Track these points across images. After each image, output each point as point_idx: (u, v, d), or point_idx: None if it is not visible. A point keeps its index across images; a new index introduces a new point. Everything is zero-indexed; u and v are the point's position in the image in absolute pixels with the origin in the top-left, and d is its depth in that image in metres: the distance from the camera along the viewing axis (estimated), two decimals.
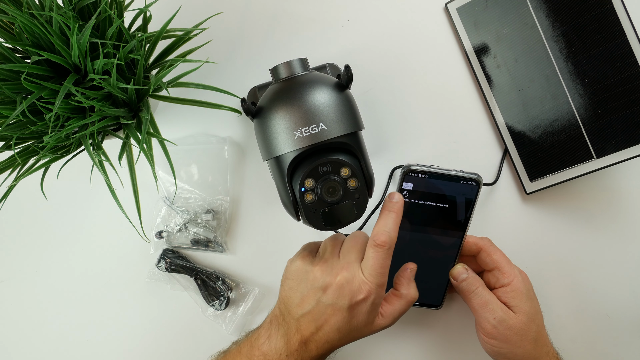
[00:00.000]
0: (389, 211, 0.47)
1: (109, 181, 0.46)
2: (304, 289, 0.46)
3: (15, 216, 0.62)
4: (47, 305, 0.63)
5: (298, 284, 0.47)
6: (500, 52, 0.57)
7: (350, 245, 0.47)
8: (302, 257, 0.48)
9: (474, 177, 0.51)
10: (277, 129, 0.48)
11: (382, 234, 0.45)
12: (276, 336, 0.47)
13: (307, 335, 0.45)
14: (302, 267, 0.47)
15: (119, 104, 0.47)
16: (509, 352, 0.50)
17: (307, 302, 0.46)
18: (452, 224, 0.53)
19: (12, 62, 0.45)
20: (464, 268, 0.53)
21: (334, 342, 0.46)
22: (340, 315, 0.45)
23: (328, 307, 0.45)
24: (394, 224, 0.46)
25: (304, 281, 0.46)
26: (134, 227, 0.51)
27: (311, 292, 0.45)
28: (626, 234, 0.59)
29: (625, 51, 0.54)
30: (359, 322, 0.45)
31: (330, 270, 0.46)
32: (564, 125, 0.56)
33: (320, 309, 0.45)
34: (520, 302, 0.50)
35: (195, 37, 0.50)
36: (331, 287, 0.45)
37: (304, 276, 0.47)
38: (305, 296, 0.46)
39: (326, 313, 0.45)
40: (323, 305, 0.45)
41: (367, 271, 0.45)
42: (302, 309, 0.46)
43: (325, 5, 0.60)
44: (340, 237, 0.50)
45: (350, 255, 0.46)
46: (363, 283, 0.44)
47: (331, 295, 0.44)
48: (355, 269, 0.45)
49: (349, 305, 0.44)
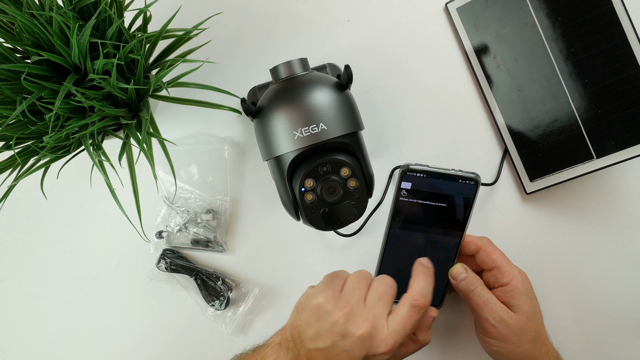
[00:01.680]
0: (427, 275, 0.47)
1: (109, 181, 0.46)
2: (321, 327, 0.45)
3: (15, 216, 0.62)
4: (47, 305, 0.63)
5: (316, 321, 0.45)
6: (500, 52, 0.57)
7: (379, 295, 0.45)
8: (326, 296, 0.46)
9: (472, 177, 0.51)
10: (277, 129, 0.48)
11: (422, 297, 0.45)
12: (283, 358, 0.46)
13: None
14: (324, 306, 0.45)
15: (119, 104, 0.47)
16: (508, 351, 0.50)
17: (322, 340, 0.44)
18: (451, 223, 0.53)
19: (12, 62, 0.45)
20: (463, 268, 0.53)
21: None
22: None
23: (344, 352, 0.43)
24: (432, 288, 0.46)
25: (323, 320, 0.45)
26: (134, 227, 0.51)
27: (329, 334, 0.44)
28: (626, 234, 0.59)
29: (625, 51, 0.54)
30: None
31: (354, 319, 0.44)
32: (564, 125, 0.56)
33: (335, 351, 0.44)
34: (520, 302, 0.50)
35: (195, 37, 0.50)
36: (352, 337, 0.43)
37: (325, 316, 0.45)
38: (322, 334, 0.44)
39: (340, 357, 0.44)
40: (339, 349, 0.44)
41: (394, 328, 0.43)
42: (316, 344, 0.44)
43: (325, 5, 0.60)
44: (368, 277, 0.48)
45: (377, 306, 0.45)
46: (387, 338, 0.43)
47: (350, 343, 0.43)
48: (382, 324, 0.44)
49: (365, 356, 0.43)
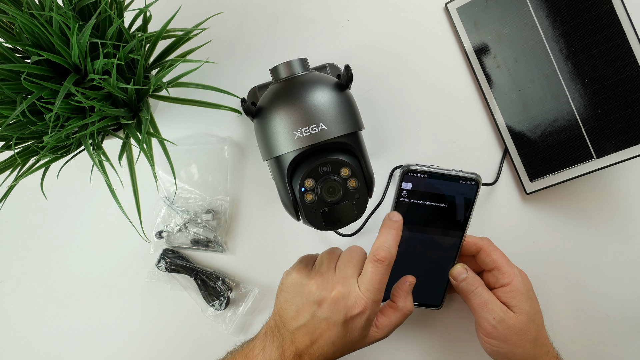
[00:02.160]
0: (390, 228, 0.47)
1: (109, 181, 0.46)
2: (299, 302, 0.46)
3: (15, 216, 0.62)
4: (47, 305, 0.63)
5: (293, 297, 0.47)
6: (500, 52, 0.57)
7: (347, 260, 0.47)
8: (298, 270, 0.48)
9: (473, 177, 0.51)
10: (277, 129, 0.48)
11: (382, 250, 0.45)
12: (271, 348, 0.47)
13: (302, 348, 0.46)
14: (297, 280, 0.47)
15: (119, 104, 0.47)
16: (508, 351, 0.50)
17: (302, 315, 0.46)
18: (451, 224, 0.53)
19: (12, 62, 0.45)
20: (464, 268, 0.53)
21: (328, 356, 0.46)
22: (335, 329, 0.45)
23: (323, 321, 0.45)
24: (394, 241, 0.47)
25: (299, 294, 0.47)
26: (134, 227, 0.51)
27: (306, 306, 0.46)
28: (626, 234, 0.59)
29: (625, 51, 0.54)
30: (353, 336, 0.45)
31: (326, 284, 0.46)
32: (564, 125, 0.56)
33: (315, 323, 0.45)
34: (520, 302, 0.50)
35: (195, 37, 0.50)
36: (326, 302, 0.45)
37: (300, 289, 0.47)
38: (300, 309, 0.46)
39: (321, 327, 0.45)
40: (318, 319, 0.45)
41: (364, 286, 0.45)
42: (297, 321, 0.46)
43: (325, 5, 0.60)
44: (337, 251, 0.50)
45: (347, 269, 0.46)
46: (359, 298, 0.45)
47: (326, 309, 0.45)
48: (352, 284, 0.45)
49: (343, 320, 0.44)
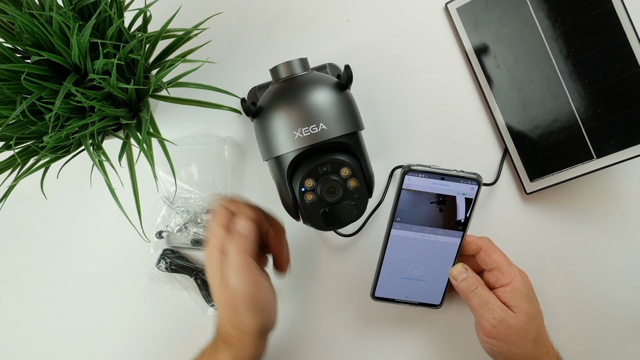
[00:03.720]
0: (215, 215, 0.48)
1: (109, 181, 0.46)
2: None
3: (15, 216, 0.62)
4: (47, 305, 0.63)
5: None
6: (500, 52, 0.57)
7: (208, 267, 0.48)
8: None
9: (474, 177, 0.51)
10: (277, 129, 0.48)
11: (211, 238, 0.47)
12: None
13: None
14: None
15: (119, 104, 0.47)
16: (508, 351, 0.50)
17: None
18: (451, 223, 0.53)
19: (12, 62, 0.45)
20: (464, 268, 0.53)
21: None
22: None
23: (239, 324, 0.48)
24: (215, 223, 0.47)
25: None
26: (134, 227, 0.51)
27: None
28: (626, 234, 0.59)
29: (625, 51, 0.54)
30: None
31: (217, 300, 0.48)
32: (564, 125, 0.56)
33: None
34: (520, 302, 0.50)
35: (195, 37, 0.50)
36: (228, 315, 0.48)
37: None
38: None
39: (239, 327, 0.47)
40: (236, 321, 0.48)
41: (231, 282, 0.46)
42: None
43: (325, 5, 0.60)
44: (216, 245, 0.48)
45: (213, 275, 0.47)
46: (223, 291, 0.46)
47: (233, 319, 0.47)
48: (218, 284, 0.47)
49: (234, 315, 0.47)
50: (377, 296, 0.56)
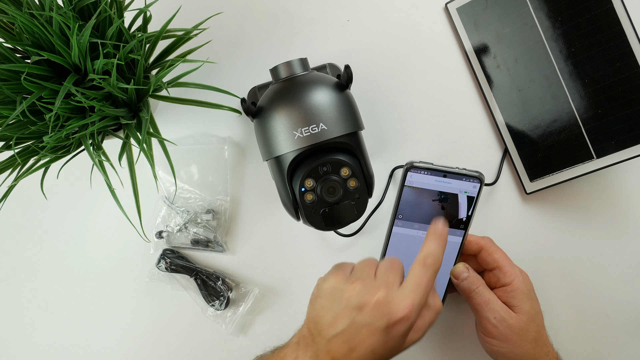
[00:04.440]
0: (437, 236, 0.45)
1: (109, 181, 0.46)
2: (337, 308, 0.43)
3: (15, 216, 0.62)
4: (47, 305, 0.63)
5: (331, 303, 0.43)
6: (500, 52, 0.57)
7: (387, 268, 0.44)
8: (336, 275, 0.45)
9: (476, 175, 0.51)
10: (277, 129, 0.48)
11: (431, 257, 0.43)
12: (304, 358, 0.44)
13: (339, 358, 0.42)
14: (336, 285, 0.44)
15: (119, 104, 0.47)
16: (508, 351, 0.50)
17: (340, 322, 0.42)
18: (453, 222, 0.53)
19: (12, 62, 0.45)
20: (465, 267, 0.53)
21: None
22: (377, 336, 0.41)
23: (364, 327, 0.41)
24: (441, 250, 0.44)
25: (337, 300, 0.43)
26: (134, 227, 0.51)
27: (345, 312, 0.42)
28: (626, 234, 0.59)
29: (625, 51, 0.54)
30: (394, 343, 0.42)
31: (367, 289, 0.42)
32: (564, 125, 0.56)
33: (354, 330, 0.41)
34: (521, 302, 0.50)
35: (195, 37, 0.50)
36: (368, 307, 0.41)
37: (338, 295, 0.43)
38: (338, 315, 0.42)
39: (361, 334, 0.41)
40: (358, 325, 0.41)
41: (409, 288, 0.42)
42: (334, 329, 0.42)
43: (325, 5, 0.60)
44: (374, 260, 0.47)
45: (388, 275, 0.43)
46: (404, 299, 0.41)
47: (368, 314, 0.41)
48: (395, 289, 0.42)
49: (386, 326, 0.41)
50: None
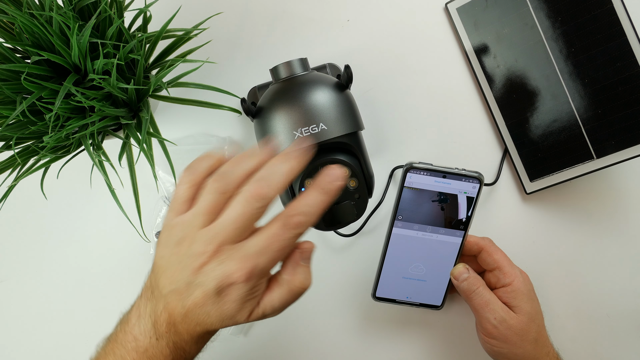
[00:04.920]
0: (323, 191, 0.36)
1: (109, 181, 0.46)
2: (175, 262, 0.37)
3: (15, 216, 0.62)
4: (47, 305, 0.63)
5: (170, 254, 0.37)
6: (500, 52, 0.57)
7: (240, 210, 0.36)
8: (180, 213, 0.38)
9: (475, 175, 0.51)
10: (277, 129, 0.48)
11: (301, 215, 0.35)
12: (144, 315, 0.39)
13: (175, 316, 0.37)
14: (179, 229, 0.37)
15: (119, 104, 0.47)
16: (509, 352, 0.50)
17: (176, 278, 0.37)
18: (453, 222, 0.53)
19: (12, 62, 0.45)
20: (465, 268, 0.53)
21: (206, 326, 0.38)
22: (209, 299, 0.36)
23: (197, 287, 0.36)
24: (319, 210, 0.36)
25: (177, 252, 0.37)
26: (134, 227, 0.51)
27: (180, 268, 0.37)
28: (626, 234, 0.59)
29: (625, 51, 0.54)
30: (229, 309, 0.37)
31: (207, 239, 0.36)
32: (564, 125, 0.56)
33: (188, 289, 0.36)
34: (521, 302, 0.50)
35: (195, 37, 0.50)
36: (203, 265, 0.36)
37: (178, 243, 0.37)
38: (175, 270, 0.37)
39: (195, 294, 0.36)
40: (192, 284, 0.36)
41: (252, 251, 0.35)
42: (170, 284, 0.37)
43: (325, 5, 0.60)
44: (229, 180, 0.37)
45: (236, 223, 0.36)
46: (240, 263, 0.35)
47: (201, 274, 0.36)
48: (237, 246, 0.36)
49: (216, 289, 0.35)
50: (378, 296, 0.56)
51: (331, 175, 0.37)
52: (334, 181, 0.37)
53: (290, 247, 0.36)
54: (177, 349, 0.39)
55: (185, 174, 0.38)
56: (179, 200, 0.38)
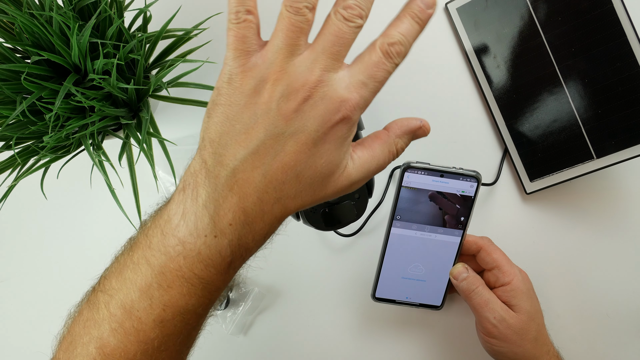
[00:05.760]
0: (417, 18, 0.30)
1: (109, 181, 0.46)
2: (251, 116, 0.28)
3: (15, 216, 0.62)
4: (47, 305, 0.63)
5: (241, 109, 0.28)
6: (500, 52, 0.57)
7: (324, 46, 0.30)
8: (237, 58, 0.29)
9: (473, 174, 0.52)
10: None
11: (399, 45, 0.30)
12: (195, 208, 0.29)
13: (249, 195, 0.29)
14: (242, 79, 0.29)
15: (119, 104, 0.47)
16: (509, 351, 0.50)
17: (254, 134, 0.28)
18: (451, 222, 0.53)
19: (12, 62, 0.45)
20: (464, 267, 0.53)
21: (288, 201, 0.29)
22: (304, 151, 0.28)
23: (290, 136, 0.28)
24: (414, 39, 0.30)
25: (251, 103, 0.28)
26: (134, 227, 0.51)
27: (264, 118, 0.28)
28: (626, 234, 0.59)
29: (625, 51, 0.54)
30: (327, 162, 0.29)
31: (291, 78, 0.28)
32: (564, 125, 0.56)
33: (276, 143, 0.28)
34: (521, 301, 0.50)
35: (195, 37, 0.50)
36: (295, 99, 0.28)
37: (250, 93, 0.28)
38: (251, 126, 0.28)
39: (285, 149, 0.28)
40: (284, 135, 0.28)
41: (357, 79, 0.29)
42: (244, 148, 0.28)
43: (325, 5, 0.60)
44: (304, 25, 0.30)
45: (323, 57, 0.29)
46: (346, 92, 0.29)
47: (297, 118, 0.28)
48: (332, 75, 0.29)
49: (316, 134, 0.28)
50: (377, 297, 0.56)
51: (424, 1, 0.30)
52: (427, 9, 0.30)
53: (388, 78, 0.31)
54: (240, 247, 0.30)
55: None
56: (243, 39, 0.29)
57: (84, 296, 0.37)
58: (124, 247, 0.35)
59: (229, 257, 0.30)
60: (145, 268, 0.30)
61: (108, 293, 0.32)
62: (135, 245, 0.32)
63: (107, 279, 0.33)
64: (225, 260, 0.30)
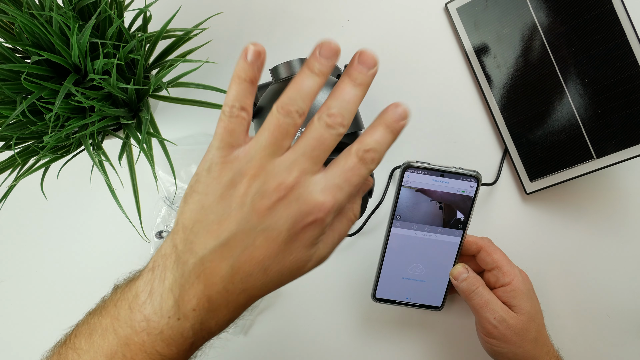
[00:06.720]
0: (390, 128, 0.31)
1: (109, 181, 0.46)
2: (225, 207, 0.29)
3: (15, 216, 0.62)
4: (47, 305, 0.63)
5: (218, 200, 0.29)
6: (500, 52, 0.57)
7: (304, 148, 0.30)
8: (220, 149, 0.30)
9: (473, 174, 0.51)
10: None
11: (374, 152, 0.30)
12: (161, 290, 0.31)
13: (214, 284, 0.30)
14: (222, 171, 0.30)
15: (119, 104, 0.47)
16: (509, 351, 0.50)
17: (226, 226, 0.29)
18: (451, 222, 0.53)
19: (12, 62, 0.45)
20: (464, 268, 0.53)
21: (254, 291, 0.31)
22: (275, 247, 0.29)
23: (262, 232, 0.29)
24: (388, 146, 0.31)
25: (227, 195, 0.29)
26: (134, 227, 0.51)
27: (236, 212, 0.29)
28: (626, 234, 0.59)
29: (625, 51, 0.54)
30: (296, 258, 0.30)
31: (269, 176, 0.29)
32: (564, 125, 0.56)
33: (246, 237, 0.29)
34: (521, 302, 0.50)
35: (195, 37, 0.50)
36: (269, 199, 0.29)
37: (227, 185, 0.29)
38: (226, 217, 0.29)
39: (255, 243, 0.29)
40: (255, 230, 0.29)
41: (333, 179, 0.30)
42: (215, 238, 0.29)
43: (325, 5, 0.60)
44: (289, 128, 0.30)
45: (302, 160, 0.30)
46: (323, 191, 0.29)
47: (271, 215, 0.29)
48: (310, 177, 0.30)
49: (288, 233, 0.29)
50: (377, 297, 0.56)
51: (398, 113, 0.31)
52: (400, 120, 0.31)
53: (362, 184, 0.32)
54: (203, 330, 0.31)
55: (233, 94, 0.31)
56: (231, 132, 0.30)
57: (54, 346, 0.39)
58: (96, 305, 0.37)
59: (190, 338, 0.31)
60: (112, 337, 0.32)
61: (77, 352, 0.34)
62: (106, 311, 0.34)
63: (77, 338, 0.35)
64: (187, 341, 0.31)
